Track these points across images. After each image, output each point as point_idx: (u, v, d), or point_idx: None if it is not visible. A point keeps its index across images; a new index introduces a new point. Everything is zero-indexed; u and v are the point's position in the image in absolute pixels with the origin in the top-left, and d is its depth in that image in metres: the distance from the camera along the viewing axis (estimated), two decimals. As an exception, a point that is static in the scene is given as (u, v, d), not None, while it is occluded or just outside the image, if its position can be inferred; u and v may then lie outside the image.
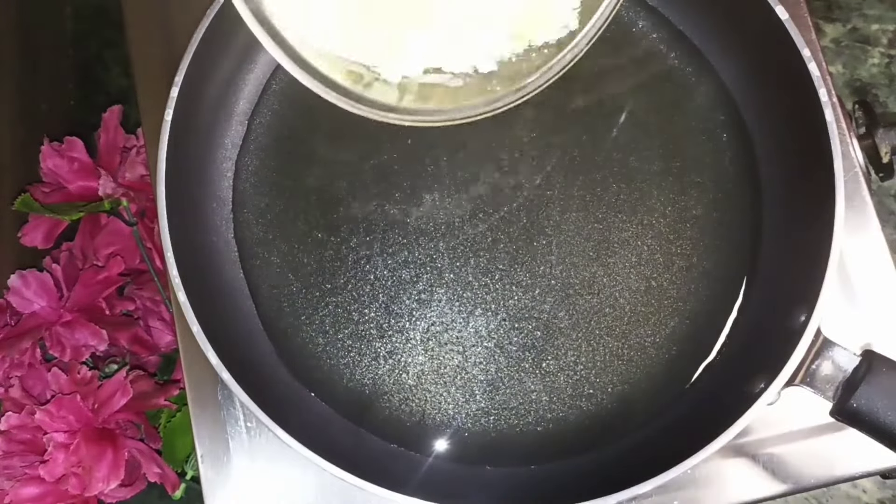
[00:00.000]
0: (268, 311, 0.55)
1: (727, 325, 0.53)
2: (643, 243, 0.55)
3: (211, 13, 0.52)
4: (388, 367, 0.54)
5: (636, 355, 0.53)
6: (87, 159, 0.73)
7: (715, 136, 0.56)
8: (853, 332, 0.53)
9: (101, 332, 0.68)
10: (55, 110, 0.86)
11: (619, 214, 0.55)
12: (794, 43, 0.49)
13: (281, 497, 0.53)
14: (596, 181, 0.56)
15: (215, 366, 0.47)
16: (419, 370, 0.54)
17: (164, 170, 0.50)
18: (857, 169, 0.55)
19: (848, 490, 0.88)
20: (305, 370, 0.54)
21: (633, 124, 0.56)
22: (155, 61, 0.59)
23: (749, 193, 0.55)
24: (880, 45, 0.97)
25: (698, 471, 0.52)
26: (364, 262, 0.55)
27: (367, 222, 0.56)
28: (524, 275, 0.54)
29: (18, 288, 0.69)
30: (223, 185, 0.57)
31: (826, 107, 0.48)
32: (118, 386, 0.66)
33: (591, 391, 0.53)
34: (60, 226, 0.73)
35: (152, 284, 0.73)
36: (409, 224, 0.55)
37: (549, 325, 0.54)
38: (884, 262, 0.54)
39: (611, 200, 0.55)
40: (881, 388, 0.44)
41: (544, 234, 0.55)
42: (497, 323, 0.54)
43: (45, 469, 0.61)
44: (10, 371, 0.68)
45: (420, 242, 0.55)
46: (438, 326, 0.54)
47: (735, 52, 0.55)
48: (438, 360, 0.54)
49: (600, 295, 0.54)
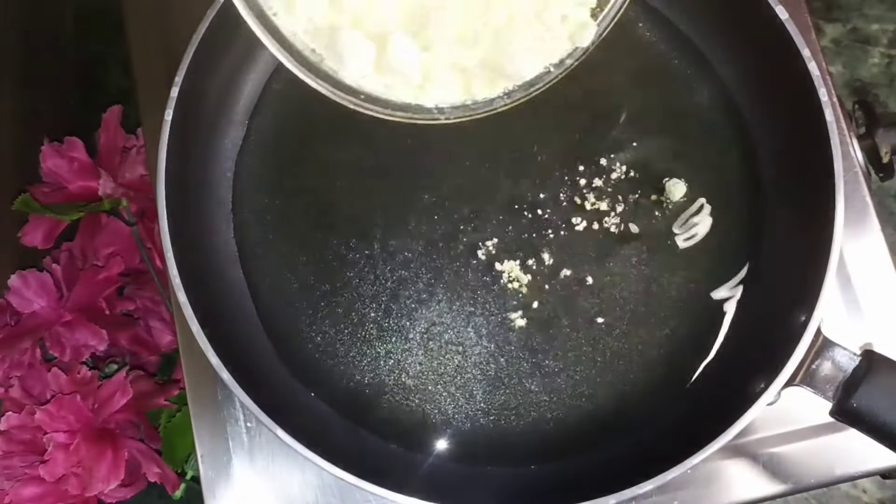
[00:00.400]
0: (268, 311, 0.55)
1: (727, 325, 0.53)
2: (643, 243, 0.55)
3: (211, 13, 0.52)
4: (388, 367, 0.54)
5: (636, 355, 0.53)
6: (87, 159, 0.73)
7: (715, 135, 0.56)
8: (853, 332, 0.54)
9: (101, 332, 0.68)
10: (55, 110, 0.86)
11: (619, 214, 0.55)
12: (794, 43, 0.49)
13: (281, 497, 0.53)
14: (596, 181, 0.56)
15: (215, 366, 0.47)
16: (419, 370, 0.54)
17: (164, 170, 0.50)
18: (857, 169, 0.55)
19: (848, 490, 0.88)
20: (305, 370, 0.54)
21: (633, 124, 0.56)
22: (155, 61, 0.59)
23: (749, 193, 0.55)
24: (880, 45, 0.97)
25: (698, 471, 0.52)
26: (364, 262, 0.55)
27: (366, 222, 0.56)
28: (524, 274, 0.54)
29: (18, 288, 0.69)
30: (223, 186, 0.57)
31: (826, 107, 0.48)
32: (118, 386, 0.66)
33: (591, 391, 0.53)
34: (60, 226, 0.73)
35: (152, 284, 0.73)
36: (409, 224, 0.55)
37: (549, 325, 0.54)
38: (884, 263, 0.54)
39: (611, 200, 0.55)
40: (881, 388, 0.44)
41: (544, 235, 0.55)
42: (497, 323, 0.54)
43: (45, 469, 0.61)
44: (10, 371, 0.68)
45: (420, 243, 0.55)
46: (438, 326, 0.54)
47: (735, 52, 0.55)
48: (438, 360, 0.54)
49: (600, 295, 0.54)
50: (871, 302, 0.54)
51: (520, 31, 0.35)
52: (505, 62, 0.36)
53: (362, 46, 0.34)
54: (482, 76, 0.37)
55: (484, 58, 0.36)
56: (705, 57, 0.56)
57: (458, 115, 0.38)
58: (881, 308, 0.54)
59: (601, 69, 0.57)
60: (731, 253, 0.54)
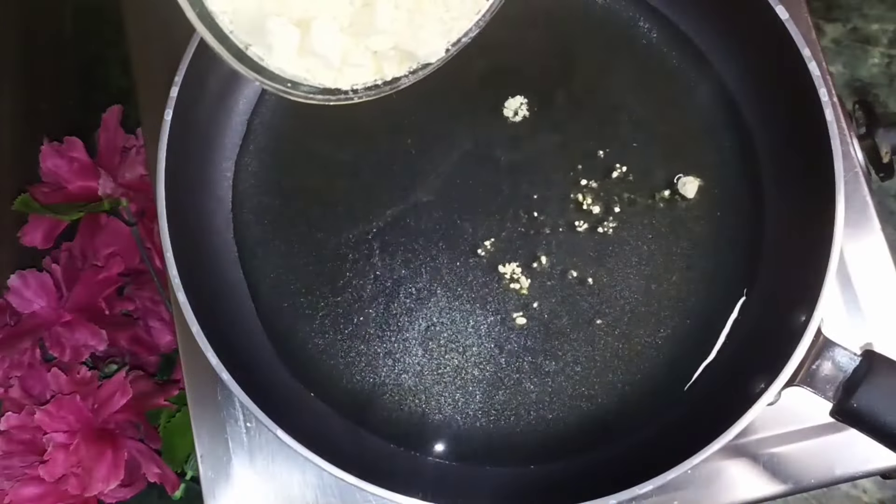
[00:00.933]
0: (268, 311, 0.55)
1: (727, 325, 0.53)
2: (643, 243, 0.55)
3: (211, 13, 0.52)
4: (388, 367, 0.54)
5: (636, 355, 0.53)
6: (86, 159, 0.73)
7: (715, 135, 0.56)
8: (853, 332, 0.53)
9: (101, 332, 0.68)
10: (55, 110, 0.86)
11: (619, 214, 0.55)
12: (794, 43, 0.49)
13: (281, 497, 0.53)
14: (595, 181, 0.56)
15: (215, 366, 0.47)
16: (419, 370, 0.54)
17: (163, 170, 0.50)
18: (857, 169, 0.55)
19: (848, 490, 0.88)
20: (305, 370, 0.54)
21: (632, 124, 0.56)
22: (155, 61, 0.59)
23: (749, 193, 0.55)
24: (880, 45, 0.97)
25: (698, 471, 0.52)
26: (363, 262, 0.55)
27: (366, 222, 0.56)
28: (524, 274, 0.54)
29: (18, 288, 0.69)
30: (223, 186, 0.57)
31: (826, 107, 0.48)
32: (118, 386, 0.66)
33: (591, 391, 0.53)
34: (60, 226, 0.73)
35: (152, 284, 0.73)
36: (409, 223, 0.55)
37: (549, 326, 0.53)
38: (884, 263, 0.54)
39: (611, 200, 0.55)
40: (881, 388, 0.44)
41: (545, 235, 0.55)
42: (497, 323, 0.54)
43: (44, 469, 0.61)
44: (10, 371, 0.68)
45: (419, 242, 0.55)
46: (438, 326, 0.54)
47: (735, 52, 0.55)
48: (438, 360, 0.54)
49: (600, 295, 0.54)
50: (871, 302, 0.54)
51: (429, 16, 0.37)
52: (416, 47, 0.38)
53: (288, 31, 0.35)
54: (393, 58, 0.38)
55: (398, 42, 0.37)
56: (705, 57, 0.56)
57: (370, 95, 0.39)
58: (881, 308, 0.54)
59: (601, 69, 0.57)
60: (730, 253, 0.54)
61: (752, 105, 0.55)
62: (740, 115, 0.56)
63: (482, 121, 0.57)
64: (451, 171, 0.56)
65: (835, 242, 0.47)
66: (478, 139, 0.56)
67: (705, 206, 0.55)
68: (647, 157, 0.56)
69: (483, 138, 0.56)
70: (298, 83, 0.37)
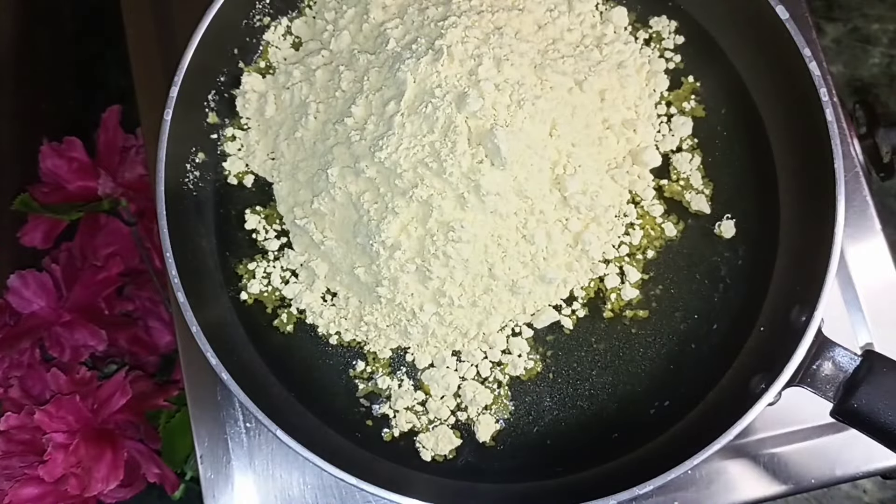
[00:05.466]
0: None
1: (727, 324, 0.53)
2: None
3: (210, 13, 0.52)
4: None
5: (637, 356, 0.53)
6: (86, 159, 0.73)
7: (715, 135, 0.56)
8: (853, 332, 0.53)
9: (101, 332, 0.68)
10: (55, 110, 0.86)
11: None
12: (794, 43, 0.49)
13: (280, 497, 0.52)
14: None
15: (214, 366, 0.47)
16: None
17: (163, 169, 0.50)
18: (857, 169, 0.55)
19: (848, 490, 0.88)
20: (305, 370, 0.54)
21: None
22: (155, 61, 0.59)
23: (749, 193, 0.54)
24: (881, 45, 0.97)
25: (698, 471, 0.52)
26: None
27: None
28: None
29: (18, 288, 0.69)
30: (223, 185, 0.57)
31: (827, 107, 0.48)
32: (117, 386, 0.66)
33: (592, 391, 0.53)
34: (60, 226, 0.73)
35: (151, 284, 0.73)
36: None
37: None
38: (884, 263, 0.54)
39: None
40: (882, 388, 0.44)
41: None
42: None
43: (44, 469, 0.61)
44: (9, 371, 0.68)
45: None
46: (438, 326, 0.54)
47: (736, 52, 0.55)
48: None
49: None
50: (871, 302, 0.54)
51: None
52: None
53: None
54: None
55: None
56: (705, 57, 0.56)
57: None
58: (881, 308, 0.54)
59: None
60: (731, 253, 0.54)
61: (753, 105, 0.55)
62: (741, 115, 0.55)
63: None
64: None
65: (835, 242, 0.47)
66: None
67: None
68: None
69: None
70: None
